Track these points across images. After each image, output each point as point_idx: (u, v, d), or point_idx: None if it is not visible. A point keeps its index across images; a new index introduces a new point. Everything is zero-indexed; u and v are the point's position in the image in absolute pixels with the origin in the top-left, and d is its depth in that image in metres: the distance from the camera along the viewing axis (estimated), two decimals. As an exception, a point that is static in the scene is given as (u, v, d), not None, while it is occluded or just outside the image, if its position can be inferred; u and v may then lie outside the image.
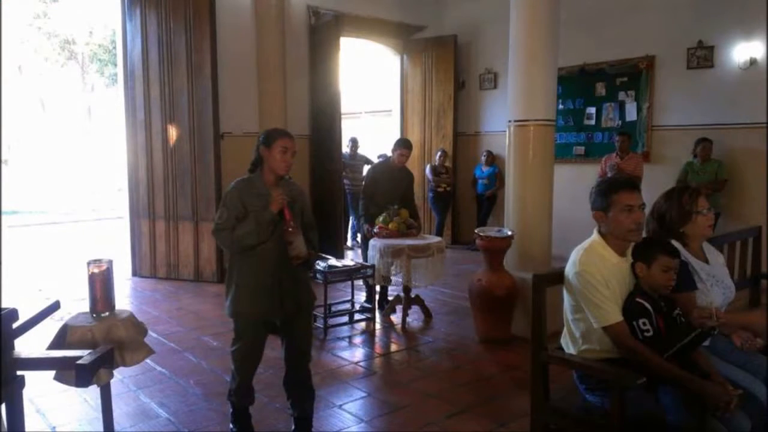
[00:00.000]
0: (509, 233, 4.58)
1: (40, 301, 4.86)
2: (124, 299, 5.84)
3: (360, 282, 5.42)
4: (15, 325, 2.05)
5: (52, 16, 22.54)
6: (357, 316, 5.08)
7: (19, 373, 2.05)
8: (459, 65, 8.95)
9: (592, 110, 7.75)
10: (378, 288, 5.26)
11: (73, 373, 2.01)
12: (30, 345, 2.35)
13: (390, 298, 5.36)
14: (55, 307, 2.29)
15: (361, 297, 5.62)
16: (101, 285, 2.42)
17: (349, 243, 8.79)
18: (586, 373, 2.36)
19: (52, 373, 2.32)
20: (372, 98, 13.22)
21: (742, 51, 6.42)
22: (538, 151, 4.68)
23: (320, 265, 4.67)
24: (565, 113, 7.90)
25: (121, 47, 6.78)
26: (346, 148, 8.53)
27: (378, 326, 4.97)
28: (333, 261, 4.92)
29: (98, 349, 2.08)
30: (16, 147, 28.98)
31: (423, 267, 4.91)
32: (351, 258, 6.42)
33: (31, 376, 2.05)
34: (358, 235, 9.00)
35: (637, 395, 2.13)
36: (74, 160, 25.11)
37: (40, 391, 3.43)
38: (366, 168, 8.89)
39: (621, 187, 2.31)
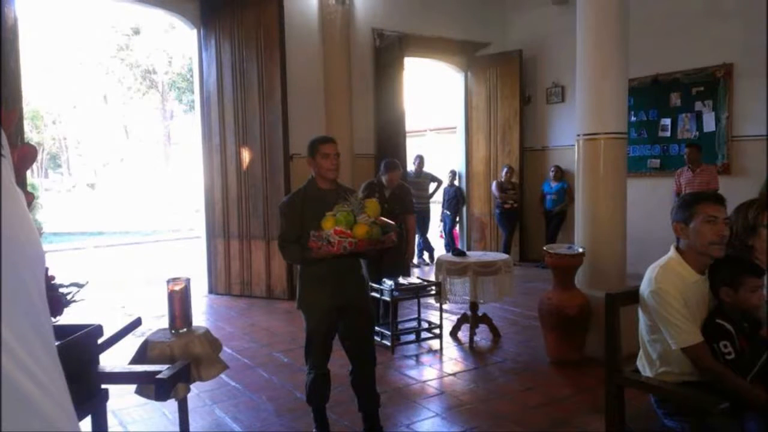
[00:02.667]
0: (580, 250, 4.46)
1: (123, 318, 5.13)
2: (200, 316, 6.06)
3: (431, 300, 5.41)
4: (100, 341, 2.17)
5: (134, 48, 23.99)
6: (424, 335, 5.06)
7: (103, 386, 2.17)
8: (525, 80, 8.85)
9: (667, 122, 7.45)
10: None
11: (153, 387, 2.11)
12: (113, 360, 2.49)
13: (457, 317, 5.31)
14: (136, 323, 2.41)
15: (428, 315, 5.60)
16: (180, 302, 2.53)
17: (415, 261, 8.79)
18: (664, 397, 2.25)
19: (134, 386, 2.45)
20: (436, 116, 13.25)
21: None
22: (609, 165, 4.55)
23: (386, 283, 4.69)
24: (637, 125, 7.63)
25: (197, 76, 7.14)
26: (411, 166, 8.58)
27: (445, 345, 4.93)
28: (400, 279, 4.92)
29: (176, 365, 2.18)
30: (102, 172, 30.83)
31: (490, 284, 4.85)
32: (417, 276, 6.42)
33: (114, 390, 2.16)
34: (425, 253, 9.03)
35: (721, 422, 2.02)
36: (155, 183, 26.42)
37: (123, 404, 3.60)
38: (432, 185, 8.91)
39: (706, 199, 2.23)
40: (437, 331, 4.94)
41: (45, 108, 27.24)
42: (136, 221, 17.38)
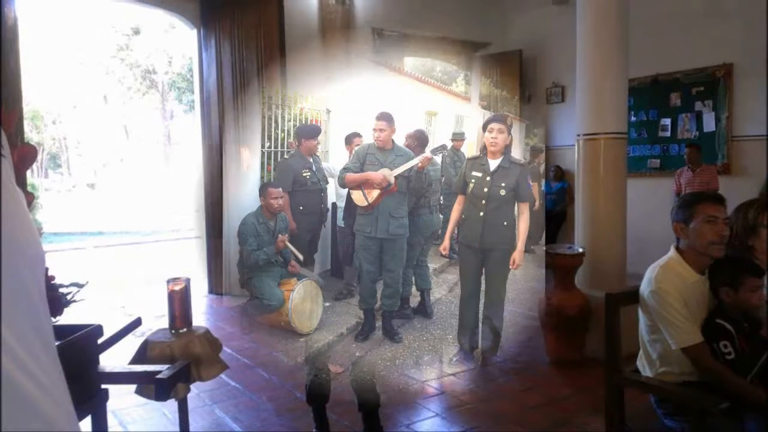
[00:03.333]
0: (580, 250, 4.46)
1: (123, 318, 5.12)
2: (200, 316, 6.05)
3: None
4: (100, 341, 2.17)
5: (134, 48, 23.97)
6: (424, 335, 5.05)
7: (103, 386, 2.17)
8: (525, 80, 8.84)
9: (667, 121, 7.45)
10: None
11: (153, 387, 2.11)
12: (113, 360, 2.49)
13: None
14: (136, 323, 2.41)
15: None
16: (179, 302, 2.53)
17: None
18: (664, 397, 2.25)
19: (134, 387, 2.44)
20: (437, 116, 13.25)
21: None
22: (609, 165, 4.55)
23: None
24: (637, 125, 7.64)
25: (197, 76, 7.14)
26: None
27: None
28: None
29: (176, 364, 2.18)
30: (102, 172, 30.82)
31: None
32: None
33: (114, 390, 2.16)
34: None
35: (721, 422, 2.02)
36: (155, 183, 26.39)
37: (123, 404, 3.60)
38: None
39: (706, 199, 2.23)
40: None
41: (45, 108, 27.22)
42: (136, 221, 17.36)
